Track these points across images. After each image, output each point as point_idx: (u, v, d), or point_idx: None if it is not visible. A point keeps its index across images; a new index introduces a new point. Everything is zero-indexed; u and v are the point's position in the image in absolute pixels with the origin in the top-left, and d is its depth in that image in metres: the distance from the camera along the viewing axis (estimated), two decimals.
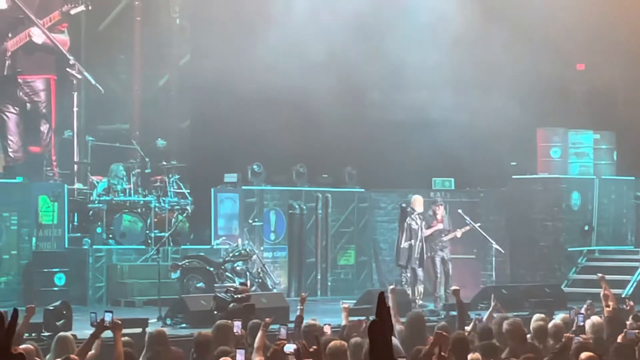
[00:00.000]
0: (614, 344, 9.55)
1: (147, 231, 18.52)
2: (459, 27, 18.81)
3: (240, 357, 8.01)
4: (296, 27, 18.20)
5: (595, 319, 10.55)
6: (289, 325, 10.02)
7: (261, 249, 19.13)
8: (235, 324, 9.64)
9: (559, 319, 10.66)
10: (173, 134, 21.03)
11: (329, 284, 20.29)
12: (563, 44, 19.94)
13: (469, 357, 8.38)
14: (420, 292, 16.98)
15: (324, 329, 9.75)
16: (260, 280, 17.84)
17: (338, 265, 20.51)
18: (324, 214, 20.30)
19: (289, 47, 18.32)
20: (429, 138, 19.03)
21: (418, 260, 17.01)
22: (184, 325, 14.05)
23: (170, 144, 20.22)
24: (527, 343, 9.40)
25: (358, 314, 12.03)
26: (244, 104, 19.09)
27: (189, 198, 19.36)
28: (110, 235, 18.39)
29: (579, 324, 10.38)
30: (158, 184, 19.31)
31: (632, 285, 18.67)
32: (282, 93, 18.21)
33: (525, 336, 9.46)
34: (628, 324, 10.73)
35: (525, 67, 19.29)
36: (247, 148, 19.50)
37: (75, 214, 18.67)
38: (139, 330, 11.80)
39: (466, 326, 10.74)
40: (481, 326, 10.07)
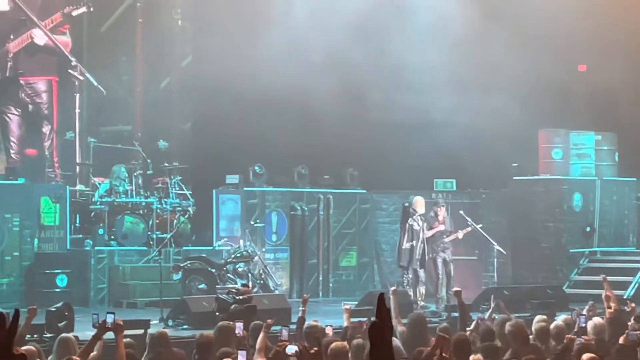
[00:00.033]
0: (615, 345, 9.56)
1: (149, 232, 18.52)
2: (461, 28, 18.81)
3: (241, 359, 8.01)
4: (298, 29, 18.21)
5: (597, 320, 10.55)
6: (291, 326, 10.02)
7: (263, 250, 19.13)
8: (237, 325, 9.64)
9: (560, 320, 10.67)
10: (175, 135, 21.03)
11: (331, 285, 20.29)
12: (564, 45, 19.93)
13: (470, 359, 8.38)
14: (422, 294, 16.98)
15: (326, 331, 9.74)
16: (262, 281, 17.84)
17: (340, 267, 20.51)
18: (325, 215, 20.30)
19: (291, 49, 18.33)
20: (430, 139, 19.04)
21: (419, 261, 17.01)
22: (185, 326, 14.05)
23: (172, 146, 20.21)
24: (530, 344, 9.39)
25: (360, 315, 12.02)
26: (246, 105, 19.10)
27: (191, 199, 19.36)
28: (112, 237, 18.39)
29: (581, 325, 10.39)
30: (160, 185, 19.32)
31: (634, 287, 18.66)
32: (284, 94, 18.22)
33: (528, 337, 9.46)
34: (630, 325, 10.73)
35: (527, 68, 19.29)
36: (249, 149, 19.50)
37: (77, 216, 18.67)
38: (141, 331, 11.80)
39: (468, 327, 10.73)
40: (483, 327, 10.06)
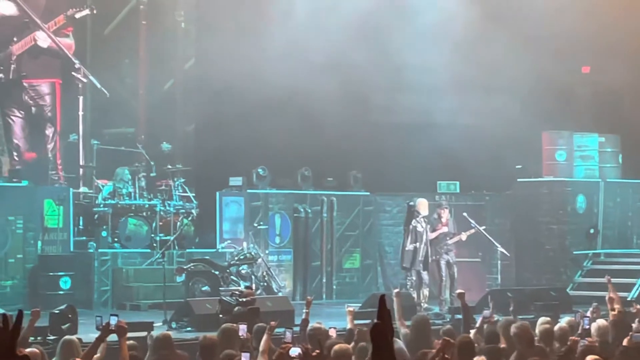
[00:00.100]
0: (619, 347, 9.54)
1: (153, 235, 18.53)
2: (463, 29, 18.81)
3: None
4: (300, 30, 18.21)
5: (601, 322, 10.53)
6: (295, 328, 10.01)
7: (266, 252, 19.13)
8: (241, 327, 9.63)
9: (564, 322, 10.65)
10: (178, 137, 21.03)
11: (334, 287, 20.28)
12: (567, 47, 19.92)
13: None
14: (426, 296, 16.96)
15: (330, 333, 9.74)
16: (265, 283, 17.84)
17: (343, 269, 20.50)
18: (329, 218, 20.29)
19: (294, 51, 18.33)
20: (434, 141, 19.02)
21: (422, 263, 17.00)
22: (189, 328, 14.04)
23: (175, 148, 20.21)
24: (536, 346, 9.37)
25: (363, 317, 12.01)
26: (249, 107, 19.10)
27: (194, 201, 19.36)
28: (115, 239, 18.40)
29: (585, 327, 10.37)
30: (163, 187, 19.32)
31: (638, 289, 18.62)
32: (287, 96, 18.22)
33: (533, 339, 9.43)
34: (634, 327, 10.72)
35: (530, 70, 19.27)
36: (252, 151, 19.50)
37: (81, 218, 18.68)
38: (145, 333, 11.79)
39: (471, 329, 10.72)
40: (488, 329, 10.04)
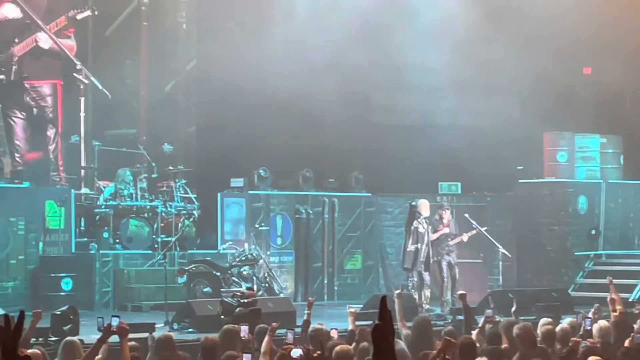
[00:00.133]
0: (621, 348, 9.54)
1: (154, 236, 18.53)
2: (465, 30, 18.81)
3: None
4: (302, 32, 18.21)
5: (603, 323, 10.52)
6: (296, 329, 10.01)
7: (268, 253, 19.12)
8: (242, 328, 9.62)
9: (566, 323, 10.63)
10: (180, 138, 21.04)
11: (336, 288, 20.28)
12: (569, 48, 19.92)
13: None
14: (427, 297, 16.96)
15: (331, 334, 9.73)
16: (266, 284, 17.84)
17: (345, 270, 20.49)
18: (330, 219, 20.29)
19: (295, 52, 18.34)
20: (435, 142, 19.03)
21: (424, 264, 16.99)
22: (190, 329, 14.04)
23: (176, 149, 20.22)
24: (538, 347, 9.37)
25: (365, 318, 12.00)
26: (251, 108, 19.10)
27: (196, 203, 19.36)
28: (117, 240, 18.41)
29: (587, 328, 10.36)
30: (165, 188, 19.33)
31: (639, 290, 18.62)
32: (289, 97, 18.22)
33: (536, 341, 9.42)
34: (636, 328, 10.71)
35: (531, 71, 19.27)
36: (254, 153, 19.50)
37: (82, 219, 18.69)
38: (146, 334, 11.80)
39: (473, 330, 10.71)
40: (490, 330, 10.03)
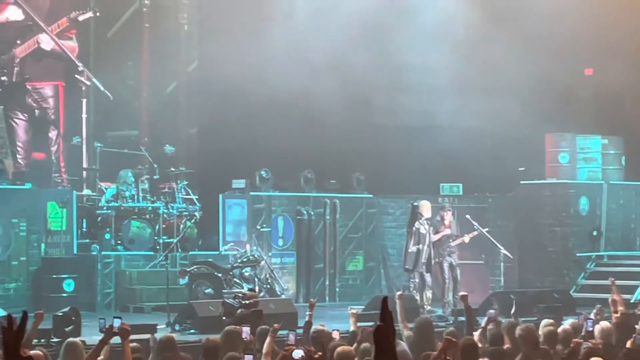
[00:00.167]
0: (623, 349, 9.54)
1: (156, 237, 18.54)
2: (466, 31, 18.81)
3: None
4: (303, 33, 18.22)
5: (605, 324, 10.51)
6: (298, 331, 10.02)
7: (269, 254, 19.13)
8: (244, 329, 9.62)
9: (568, 324, 10.64)
10: (181, 140, 21.05)
11: (337, 289, 20.28)
12: (570, 48, 19.91)
13: None
14: (429, 298, 16.96)
15: (333, 335, 9.73)
16: (268, 286, 17.84)
17: (346, 271, 20.50)
18: (332, 220, 20.29)
19: (296, 53, 18.35)
20: (436, 143, 19.03)
21: (425, 265, 16.99)
22: (192, 331, 14.05)
23: (178, 150, 20.23)
24: (541, 349, 9.37)
25: (366, 319, 12.01)
26: (252, 109, 19.11)
27: (197, 204, 19.37)
28: (118, 242, 18.41)
29: (588, 329, 10.35)
30: (166, 190, 19.34)
31: None
32: (290, 99, 18.23)
33: (538, 342, 9.42)
34: (637, 329, 10.70)
35: (532, 71, 19.27)
36: (255, 154, 19.51)
37: (84, 220, 18.69)
38: (148, 336, 11.80)
39: (474, 332, 10.71)
40: (492, 331, 10.03)
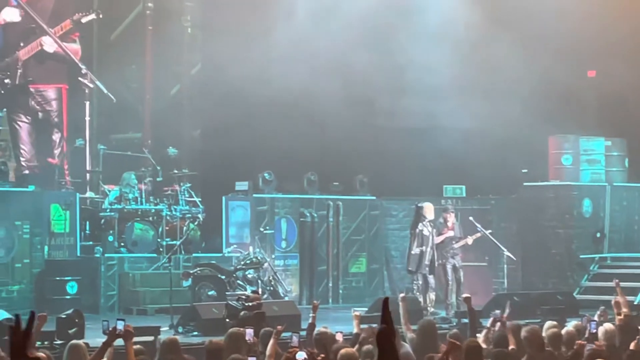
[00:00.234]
0: (626, 351, 9.53)
1: (159, 239, 18.55)
2: (469, 32, 18.81)
3: None
4: (305, 35, 18.23)
5: (608, 326, 10.50)
6: (301, 333, 10.02)
7: (272, 256, 19.13)
8: (247, 331, 9.62)
9: (571, 326, 10.63)
10: (184, 142, 21.06)
11: (341, 291, 20.28)
12: (574, 51, 19.91)
13: None
14: (432, 300, 16.96)
15: (336, 337, 9.73)
16: (271, 288, 17.84)
17: (349, 273, 20.50)
18: (335, 222, 20.29)
19: (300, 55, 18.35)
20: (439, 145, 19.03)
21: (429, 267, 17.00)
22: (195, 333, 14.06)
23: (181, 153, 20.24)
24: (546, 350, 9.36)
25: (370, 321, 12.00)
26: (255, 112, 19.12)
27: (201, 206, 19.38)
28: (122, 244, 18.42)
29: (592, 331, 10.34)
30: (170, 192, 19.34)
31: None
32: (294, 101, 18.24)
33: (544, 343, 9.41)
34: None
35: (536, 74, 19.27)
36: (258, 156, 19.52)
37: (87, 223, 18.70)
38: (151, 338, 11.81)
39: (478, 334, 10.71)
40: (497, 333, 10.02)
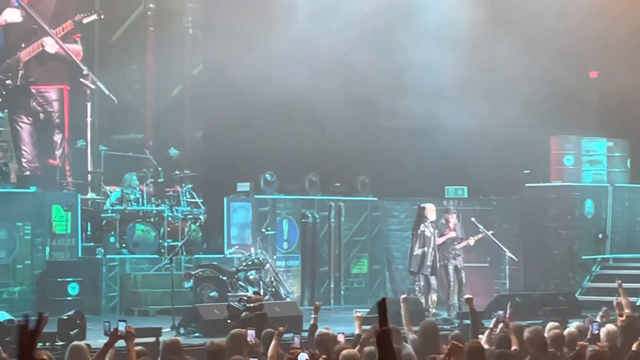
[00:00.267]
0: (628, 352, 9.51)
1: (160, 240, 18.54)
2: (471, 33, 18.79)
3: None
4: (307, 35, 18.22)
5: (610, 327, 10.49)
6: (303, 334, 10.00)
7: (274, 257, 19.12)
8: (249, 332, 9.61)
9: (573, 327, 10.61)
10: (186, 143, 21.06)
11: (342, 292, 20.27)
12: (576, 51, 19.90)
13: None
14: (434, 301, 16.95)
15: (338, 338, 9.71)
16: (273, 289, 17.83)
17: (351, 274, 20.49)
18: (336, 223, 20.28)
19: (300, 55, 18.34)
20: (441, 145, 19.02)
21: (430, 268, 16.99)
22: (197, 334, 14.04)
23: (183, 154, 20.23)
24: (549, 351, 9.34)
25: (371, 322, 11.97)
26: (257, 113, 19.12)
27: (202, 207, 19.37)
28: (123, 245, 18.41)
29: (594, 332, 10.33)
30: (171, 193, 19.34)
31: None
32: (295, 101, 18.23)
33: (547, 344, 9.39)
34: None
35: (537, 74, 19.26)
36: (260, 157, 19.51)
37: (89, 224, 18.70)
38: (153, 339, 11.80)
39: (480, 335, 10.69)
40: (500, 334, 10.01)
